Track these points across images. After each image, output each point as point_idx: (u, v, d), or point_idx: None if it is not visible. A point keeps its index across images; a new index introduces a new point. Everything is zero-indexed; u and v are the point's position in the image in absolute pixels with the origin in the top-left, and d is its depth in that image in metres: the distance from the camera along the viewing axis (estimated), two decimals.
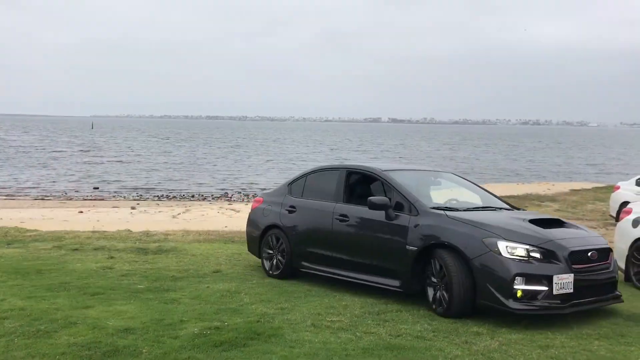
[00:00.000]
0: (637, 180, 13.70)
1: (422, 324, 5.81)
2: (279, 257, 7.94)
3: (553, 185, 27.96)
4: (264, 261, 8.15)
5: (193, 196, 25.23)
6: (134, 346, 5.01)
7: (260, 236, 8.24)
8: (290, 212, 7.95)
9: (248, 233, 8.62)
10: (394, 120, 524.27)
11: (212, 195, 25.50)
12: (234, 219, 15.80)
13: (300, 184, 8.15)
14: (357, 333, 5.50)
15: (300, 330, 5.52)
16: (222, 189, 28.00)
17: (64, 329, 5.45)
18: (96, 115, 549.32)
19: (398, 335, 5.44)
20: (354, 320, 5.92)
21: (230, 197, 25.05)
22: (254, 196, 25.76)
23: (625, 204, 12.40)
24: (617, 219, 12.39)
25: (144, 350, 4.92)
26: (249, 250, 8.71)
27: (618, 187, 14.28)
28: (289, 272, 7.85)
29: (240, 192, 26.99)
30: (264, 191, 10.54)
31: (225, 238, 11.44)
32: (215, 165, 41.72)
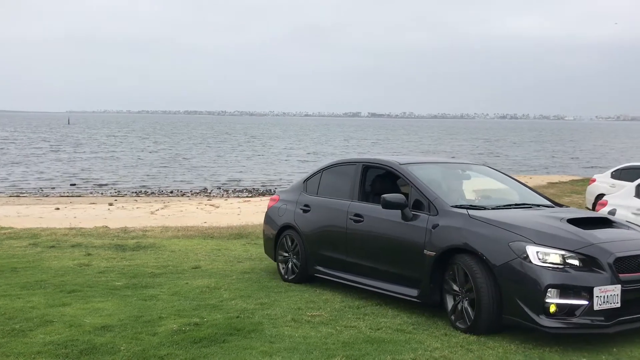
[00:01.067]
0: (612, 173, 13.91)
1: (402, 317, 5.82)
2: (294, 260, 7.39)
3: (531, 178, 28.23)
4: (279, 265, 7.62)
5: (172, 192, 25.09)
6: (111, 344, 4.95)
7: (276, 237, 7.70)
8: (305, 211, 7.35)
9: (264, 234, 8.12)
10: (374, 115, 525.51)
11: (191, 191, 25.38)
12: (213, 214, 15.73)
13: (315, 181, 7.53)
14: (337, 327, 5.49)
15: (280, 325, 5.51)
16: (202, 185, 27.87)
17: (39, 327, 5.37)
18: (72, 110, 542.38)
19: (378, 329, 5.45)
20: (334, 314, 5.91)
21: (210, 193, 24.94)
22: (233, 192, 25.69)
23: (600, 196, 12.60)
24: (593, 211, 12.57)
25: (122, 348, 4.86)
26: (265, 252, 8.19)
27: (594, 180, 14.49)
28: (305, 277, 7.27)
29: (220, 188, 26.89)
30: (280, 189, 10.24)
31: (205, 234, 11.36)
32: (195, 160, 41.48)
